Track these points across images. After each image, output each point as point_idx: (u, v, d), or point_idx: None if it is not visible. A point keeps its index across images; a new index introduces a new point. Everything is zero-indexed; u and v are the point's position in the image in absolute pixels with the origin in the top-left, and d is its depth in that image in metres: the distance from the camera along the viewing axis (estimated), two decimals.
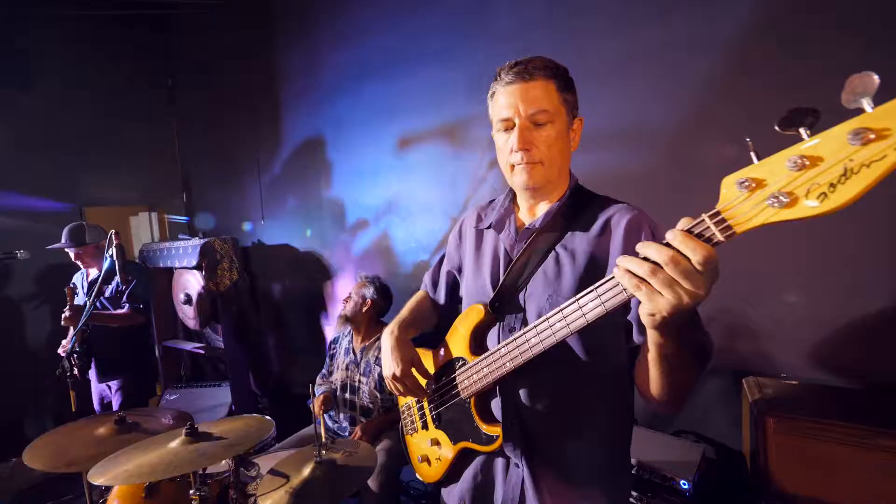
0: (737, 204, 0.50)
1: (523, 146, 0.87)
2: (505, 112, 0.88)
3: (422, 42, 2.41)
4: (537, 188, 0.92)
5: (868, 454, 1.16)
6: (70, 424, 1.72)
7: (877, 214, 1.40)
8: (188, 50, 3.91)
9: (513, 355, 0.85)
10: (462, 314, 1.02)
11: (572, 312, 0.74)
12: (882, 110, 0.42)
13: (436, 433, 1.05)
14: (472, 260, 1.06)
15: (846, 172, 0.43)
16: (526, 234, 0.95)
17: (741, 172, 0.50)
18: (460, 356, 0.99)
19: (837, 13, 1.41)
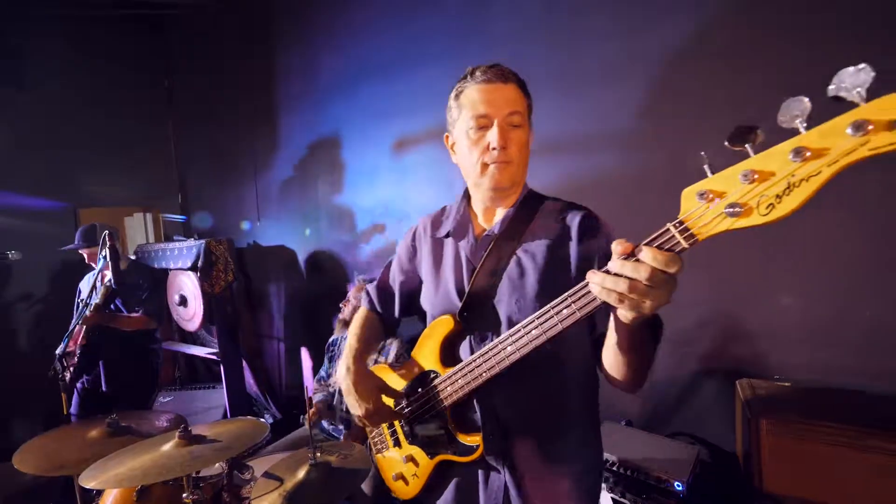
0: (698, 214, 0.56)
1: (503, 143, 0.87)
2: (483, 108, 0.88)
3: (419, 44, 2.42)
4: (505, 189, 0.93)
5: (860, 455, 1.17)
6: (62, 427, 1.70)
7: (869, 219, 1.42)
8: (186, 50, 3.90)
9: (489, 365, 0.85)
10: (429, 327, 0.99)
11: (547, 320, 0.76)
12: (817, 131, 0.48)
13: (410, 449, 1.03)
14: (430, 270, 1.03)
15: (790, 186, 0.50)
16: (486, 240, 0.96)
17: (700, 185, 0.55)
18: (432, 369, 0.97)
19: (837, 15, 1.42)
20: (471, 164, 0.91)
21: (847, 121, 0.45)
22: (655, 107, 1.75)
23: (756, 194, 0.51)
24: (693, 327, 1.73)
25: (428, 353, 0.99)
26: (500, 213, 0.97)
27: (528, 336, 0.79)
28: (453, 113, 0.94)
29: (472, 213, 1.02)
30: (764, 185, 0.51)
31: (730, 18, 1.58)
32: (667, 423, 1.79)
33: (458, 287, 0.97)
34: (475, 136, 0.89)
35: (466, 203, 1.03)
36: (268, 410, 3.35)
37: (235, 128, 3.54)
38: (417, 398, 1.00)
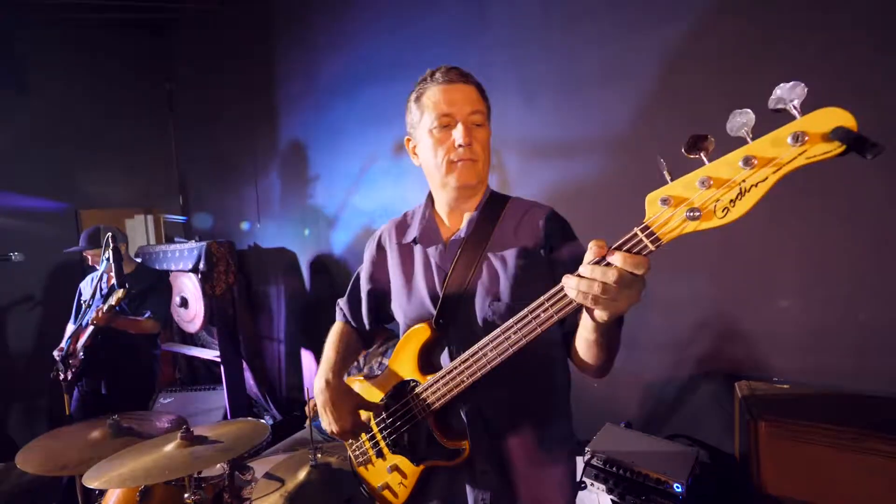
0: (662, 219, 0.60)
1: (469, 140, 0.89)
2: (446, 108, 0.89)
3: (418, 48, 2.43)
4: (472, 186, 0.94)
5: (858, 457, 1.17)
6: (64, 428, 1.71)
7: (868, 222, 1.43)
8: (187, 53, 3.92)
9: (471, 371, 0.86)
10: (405, 336, 0.98)
11: (527, 324, 0.77)
12: (763, 141, 0.53)
13: (394, 459, 1.02)
14: (400, 278, 1.02)
15: (742, 191, 0.54)
16: (455, 244, 0.96)
17: (662, 191, 0.60)
18: (411, 378, 0.97)
19: (837, 16, 1.43)
20: (436, 163, 0.92)
21: (787, 132, 0.50)
22: (653, 110, 1.76)
23: (713, 199, 0.56)
24: (692, 329, 1.74)
25: (405, 363, 0.98)
26: (466, 216, 0.98)
27: (509, 342, 0.80)
28: (414, 115, 0.95)
29: (438, 218, 1.02)
30: (719, 190, 0.55)
31: (726, 23, 1.59)
32: (666, 424, 1.80)
33: (431, 294, 0.96)
34: (440, 135, 0.90)
35: (431, 208, 1.03)
36: (268, 412, 3.36)
37: (236, 130, 3.56)
38: (398, 409, 0.99)
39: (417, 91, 0.95)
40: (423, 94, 0.93)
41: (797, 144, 0.50)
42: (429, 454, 0.96)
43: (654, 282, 1.92)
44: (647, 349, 1.84)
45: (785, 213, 1.54)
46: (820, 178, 1.48)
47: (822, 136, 0.48)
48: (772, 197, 0.78)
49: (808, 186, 1.49)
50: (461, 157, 0.90)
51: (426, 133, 0.92)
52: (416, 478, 0.98)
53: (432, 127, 0.91)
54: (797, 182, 1.56)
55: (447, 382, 0.89)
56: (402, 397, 0.98)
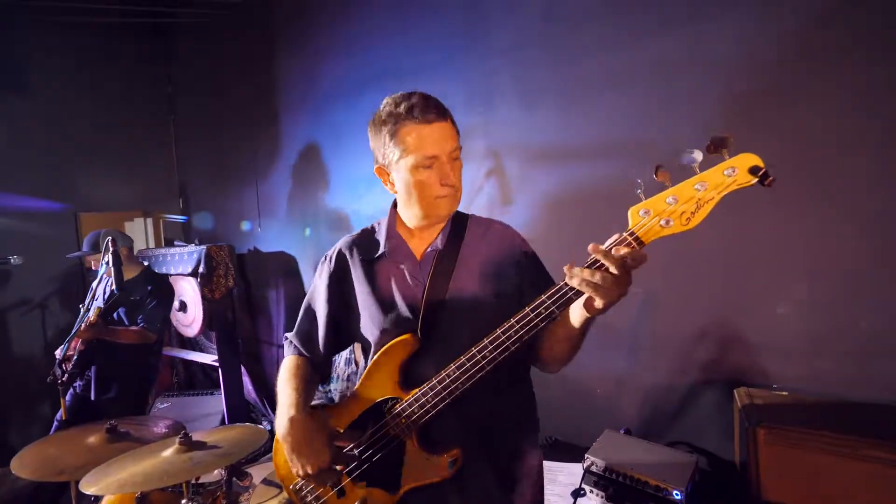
0: (643, 226, 0.78)
1: (455, 178, 0.94)
2: (431, 150, 0.91)
3: (420, 54, 2.45)
4: (452, 213, 1.01)
5: (857, 464, 1.17)
6: (60, 433, 1.70)
7: (867, 230, 1.44)
8: (188, 56, 3.94)
9: (464, 378, 0.86)
10: (384, 350, 0.94)
11: (530, 321, 0.83)
12: (709, 172, 0.73)
13: (360, 493, 0.94)
14: (369, 295, 1.00)
15: (697, 206, 0.75)
16: (430, 256, 0.99)
17: (641, 205, 0.78)
18: (389, 397, 0.94)
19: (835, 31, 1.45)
20: (419, 199, 0.95)
21: (726, 166, 0.72)
22: (653, 116, 1.78)
23: (678, 211, 0.76)
24: (693, 337, 1.74)
25: (382, 381, 0.94)
26: (435, 231, 1.02)
27: (511, 340, 0.84)
28: (390, 151, 0.94)
29: (406, 232, 1.04)
30: (682, 205, 0.75)
31: (726, 29, 1.61)
32: (666, 431, 1.80)
33: (410, 306, 0.96)
34: (424, 174, 0.92)
35: (397, 223, 1.05)
36: (266, 417, 3.34)
37: (237, 134, 3.57)
38: (374, 433, 0.94)
39: (391, 127, 0.92)
40: (401, 131, 0.91)
41: (732, 175, 0.72)
42: (411, 476, 0.92)
43: (655, 289, 1.92)
44: (648, 356, 1.84)
45: (784, 221, 1.55)
46: (820, 185, 1.50)
47: (746, 170, 0.71)
48: (772, 205, 1.14)
49: (808, 194, 1.50)
50: (446, 194, 0.94)
51: (406, 170, 0.93)
52: None
53: (416, 166, 0.92)
54: (797, 190, 1.57)
55: (440, 392, 0.88)
56: (378, 420, 0.94)
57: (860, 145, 1.42)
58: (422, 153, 0.91)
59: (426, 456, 0.91)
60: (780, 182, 0.71)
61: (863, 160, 1.42)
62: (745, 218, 1.59)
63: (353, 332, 1.06)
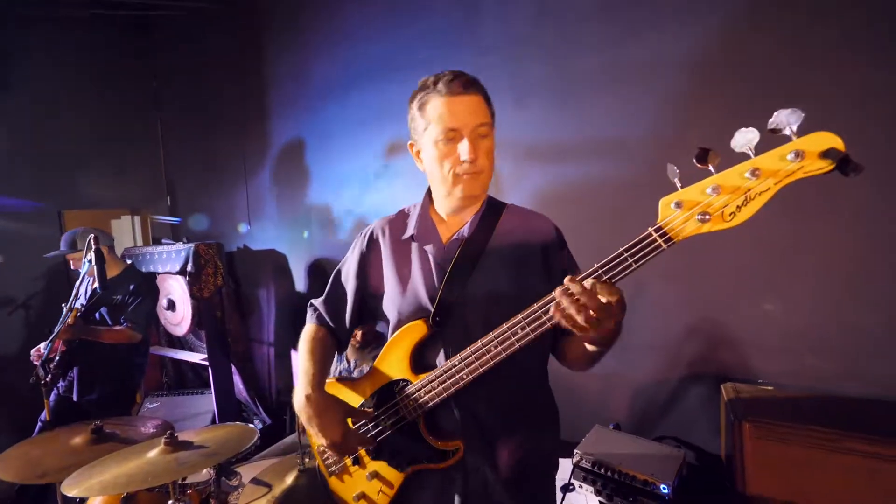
0: (676, 220, 0.67)
1: (474, 156, 0.89)
2: (452, 122, 0.89)
3: (411, 51, 2.43)
4: (477, 196, 0.97)
5: (839, 457, 1.20)
6: (44, 434, 1.67)
7: (851, 228, 1.46)
8: (174, 51, 3.87)
9: (472, 368, 0.86)
10: (397, 334, 0.96)
11: (535, 319, 0.80)
12: (767, 156, 0.61)
13: (374, 466, 0.99)
14: (394, 275, 1.01)
15: (746, 199, 0.63)
16: (455, 244, 0.97)
17: (675, 195, 0.67)
18: (400, 378, 0.95)
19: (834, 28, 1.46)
20: (441, 175, 0.93)
21: (789, 149, 0.59)
22: (644, 114, 1.78)
23: (721, 205, 0.64)
24: (680, 333, 1.76)
25: (396, 362, 0.96)
26: (466, 218, 0.99)
27: (516, 337, 0.82)
28: (418, 123, 0.94)
29: (436, 217, 1.02)
30: (727, 196, 0.63)
31: (718, 28, 1.61)
32: (654, 426, 1.82)
33: (429, 292, 0.96)
34: (445, 149, 0.91)
35: (430, 207, 1.04)
36: (257, 416, 3.32)
37: (225, 130, 3.52)
38: (385, 412, 0.97)
39: (420, 99, 0.93)
40: (426, 104, 0.92)
41: (797, 160, 0.58)
42: (416, 458, 0.95)
43: (644, 286, 1.93)
44: (637, 352, 1.86)
45: (770, 218, 1.56)
46: (805, 183, 1.52)
47: (817, 155, 0.58)
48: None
49: (793, 192, 1.52)
50: (466, 172, 0.91)
51: (431, 144, 0.92)
52: (400, 483, 0.97)
53: (437, 139, 0.91)
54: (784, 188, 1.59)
55: (444, 381, 0.89)
56: (389, 399, 0.97)
57: (851, 144, 1.44)
58: (443, 125, 0.89)
59: (431, 441, 0.93)
60: None
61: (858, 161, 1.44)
62: None
63: (377, 309, 1.06)
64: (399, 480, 0.97)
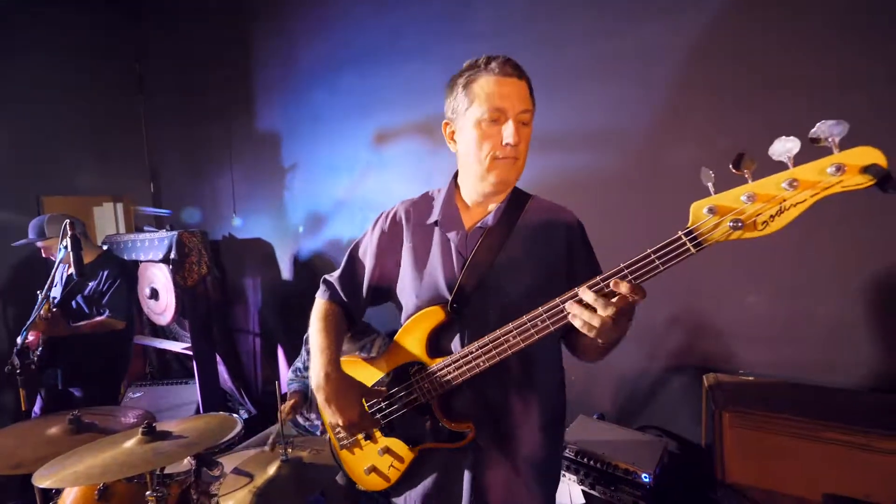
0: (708, 225, 0.67)
1: (518, 140, 0.88)
2: (500, 102, 0.87)
3: (400, 36, 2.38)
4: (510, 183, 0.95)
5: (817, 446, 1.22)
6: (20, 424, 1.63)
7: (830, 222, 1.47)
8: (158, 34, 3.75)
9: (490, 356, 0.87)
10: (416, 317, 0.97)
11: (557, 313, 0.80)
12: (806, 168, 0.60)
13: (386, 441, 1.01)
14: (412, 259, 1.01)
15: (781, 209, 0.63)
16: (478, 232, 0.96)
17: (707, 200, 0.67)
18: (415, 360, 0.97)
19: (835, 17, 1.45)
20: (479, 157, 0.91)
21: (829, 162, 0.58)
22: (637, 104, 1.77)
23: (754, 213, 0.64)
24: (663, 324, 1.77)
25: (414, 343, 0.97)
26: (491, 207, 0.98)
27: (535, 329, 0.82)
28: (460, 102, 0.92)
29: (461, 204, 1.01)
30: (760, 205, 0.63)
31: (711, 17, 1.60)
32: (637, 416, 1.84)
33: (448, 278, 0.95)
34: (488, 129, 0.89)
35: (456, 193, 1.02)
36: (243, 406, 3.30)
37: (210, 116, 3.44)
38: (399, 391, 0.99)
39: (467, 77, 0.91)
40: (474, 82, 0.90)
41: (837, 174, 0.58)
42: (428, 436, 0.97)
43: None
44: (621, 343, 1.87)
45: None
46: None
47: (858, 169, 0.57)
48: None
49: None
50: (507, 155, 0.89)
51: (472, 123, 0.90)
52: (411, 460, 0.99)
53: (481, 119, 0.89)
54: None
55: (461, 366, 0.90)
56: (404, 379, 0.98)
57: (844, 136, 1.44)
58: (490, 104, 0.87)
59: (444, 422, 0.95)
60: (754, 172, 0.61)
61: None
62: None
63: (391, 290, 1.06)
64: (410, 457, 0.99)
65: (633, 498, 1.41)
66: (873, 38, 1.37)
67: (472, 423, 0.94)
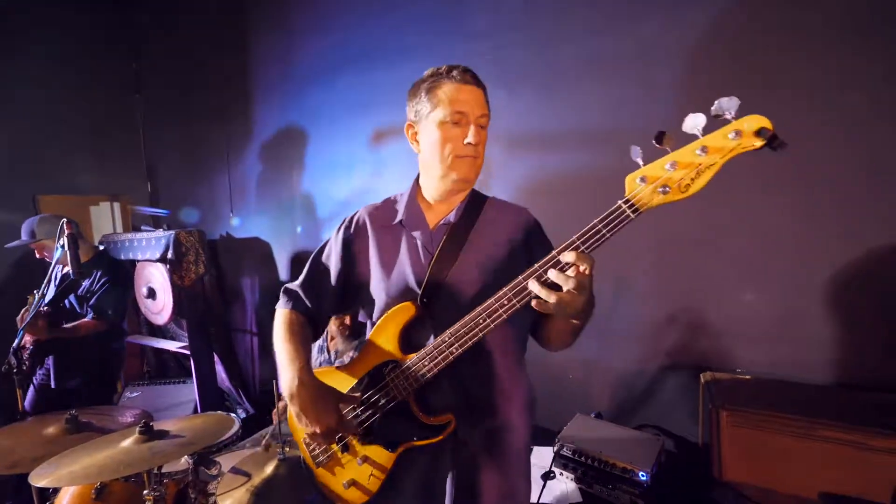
0: (640, 193, 0.77)
1: (478, 140, 0.95)
2: (462, 106, 0.95)
3: (399, 36, 2.38)
4: (471, 181, 1.02)
5: (813, 444, 1.22)
6: (16, 424, 1.63)
7: (825, 220, 1.48)
8: (156, 33, 3.74)
9: (462, 341, 0.89)
10: (387, 314, 0.98)
11: (521, 290, 0.84)
12: (712, 136, 0.71)
13: (365, 450, 0.99)
14: (379, 260, 1.03)
15: (698, 172, 0.73)
16: (442, 229, 1.02)
17: (639, 172, 0.77)
18: (389, 359, 0.97)
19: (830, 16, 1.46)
20: (441, 156, 0.97)
21: (730, 129, 0.70)
22: (634, 102, 1.77)
23: (677, 178, 0.74)
24: (661, 323, 1.78)
25: (385, 343, 0.98)
26: (452, 205, 1.04)
27: (503, 308, 0.85)
28: (423, 105, 0.99)
29: (424, 204, 1.06)
30: (682, 171, 0.74)
31: (707, 16, 1.60)
32: (635, 414, 1.84)
33: (416, 274, 0.99)
34: (450, 131, 0.95)
35: (418, 194, 1.08)
36: (241, 405, 3.29)
37: (207, 115, 3.42)
38: (375, 393, 0.98)
39: (430, 83, 0.98)
40: (437, 88, 0.97)
41: (736, 138, 0.69)
42: (408, 436, 0.96)
43: (626, 277, 1.94)
44: (619, 342, 1.87)
45: (748, 210, 1.58)
46: (780, 175, 1.53)
47: (752, 133, 0.68)
48: (737, 196, 1.22)
49: (771, 184, 1.53)
50: (467, 154, 0.96)
51: (435, 125, 0.96)
52: (391, 464, 0.98)
53: (444, 121, 0.95)
54: (760, 180, 1.59)
55: (435, 357, 0.92)
56: (379, 380, 0.98)
57: (838, 131, 1.45)
58: (452, 108, 0.94)
59: (422, 418, 0.95)
60: (754, 172, 0.69)
61: (834, 152, 1.45)
62: (714, 207, 1.61)
63: (358, 295, 1.08)
64: (391, 461, 0.98)
65: (631, 496, 1.42)
66: (873, 37, 1.37)
67: (451, 415, 0.95)
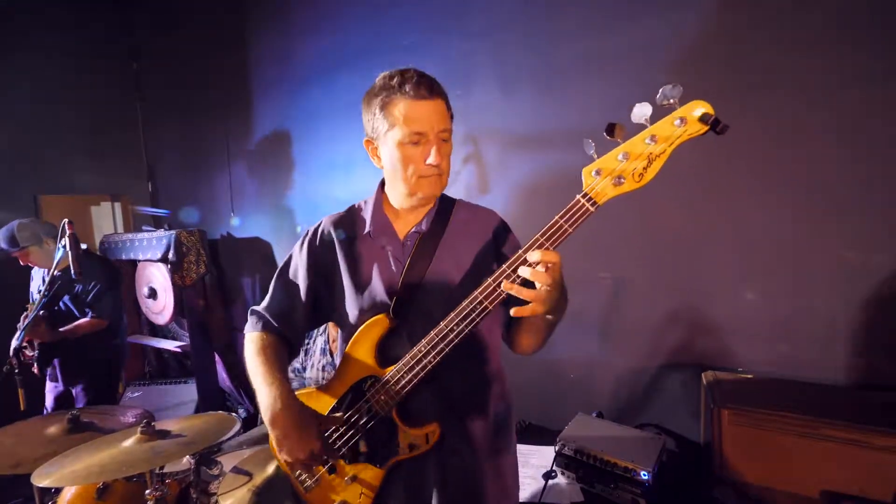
0: (595, 186, 0.77)
1: (440, 160, 0.91)
2: (418, 126, 0.89)
3: (397, 34, 2.38)
4: (435, 197, 1.00)
5: (814, 443, 1.22)
6: (18, 424, 1.63)
7: (825, 222, 1.47)
8: (155, 33, 3.74)
9: (438, 349, 0.88)
10: (361, 329, 0.96)
11: (492, 292, 0.83)
12: (659, 125, 0.73)
13: (353, 469, 0.97)
14: (350, 273, 1.00)
15: (649, 161, 0.74)
16: (412, 238, 0.99)
17: (593, 165, 0.78)
18: (368, 375, 0.95)
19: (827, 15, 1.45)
20: (404, 176, 0.93)
21: (674, 117, 0.71)
22: (631, 102, 1.76)
23: (629, 168, 0.75)
24: (662, 322, 1.78)
25: (361, 359, 0.95)
26: (421, 213, 1.01)
27: (476, 312, 0.85)
28: (379, 123, 0.93)
29: (391, 213, 1.03)
30: (634, 161, 0.75)
31: (704, 14, 1.60)
32: (636, 414, 1.84)
33: (388, 286, 0.97)
34: (410, 152, 0.91)
35: (384, 203, 1.04)
36: (241, 405, 3.29)
37: (207, 114, 3.42)
38: (356, 412, 0.96)
39: (383, 98, 0.91)
40: (391, 105, 0.90)
41: (682, 125, 0.71)
42: (394, 451, 0.95)
43: (626, 277, 1.93)
44: (620, 341, 1.87)
45: (749, 209, 1.57)
46: (781, 174, 1.52)
47: (696, 119, 0.70)
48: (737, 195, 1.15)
49: (772, 183, 1.53)
50: (431, 174, 0.92)
51: (394, 145, 0.92)
52: (380, 481, 0.96)
53: (403, 142, 0.90)
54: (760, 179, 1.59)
55: (413, 367, 0.90)
56: (360, 398, 0.96)
57: (834, 130, 1.44)
58: (409, 129, 0.89)
59: (407, 430, 0.94)
60: (754, 172, 0.68)
61: (834, 151, 1.45)
62: (713, 206, 1.61)
63: (330, 310, 1.05)
64: (379, 478, 0.96)
65: (632, 495, 1.42)
66: (872, 36, 1.37)
67: (436, 423, 0.93)
